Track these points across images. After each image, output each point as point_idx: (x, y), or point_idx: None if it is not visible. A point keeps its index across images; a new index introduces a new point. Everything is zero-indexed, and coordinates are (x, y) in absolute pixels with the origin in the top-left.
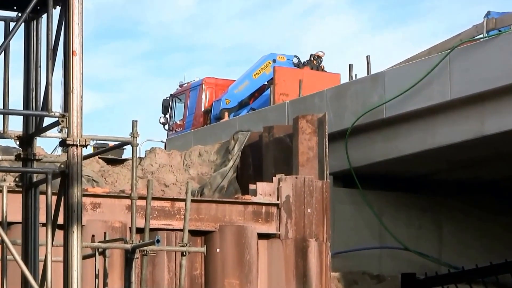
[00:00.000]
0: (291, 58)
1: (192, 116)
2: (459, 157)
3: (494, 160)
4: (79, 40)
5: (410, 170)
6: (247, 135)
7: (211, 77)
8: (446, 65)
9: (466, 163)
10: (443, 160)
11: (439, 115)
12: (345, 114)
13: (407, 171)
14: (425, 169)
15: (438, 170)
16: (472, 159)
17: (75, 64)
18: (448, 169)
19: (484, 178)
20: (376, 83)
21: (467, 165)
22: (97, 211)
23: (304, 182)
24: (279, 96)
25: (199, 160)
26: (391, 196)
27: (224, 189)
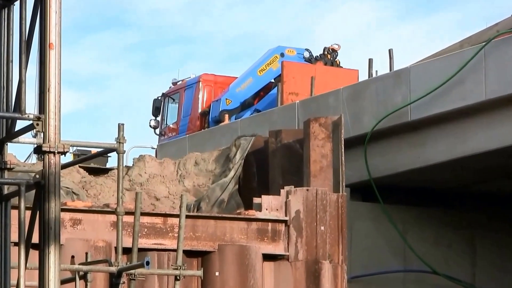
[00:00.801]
0: (302, 52)
1: (187, 118)
2: (495, 167)
3: None
4: (57, 30)
5: (439, 182)
6: (250, 141)
7: (209, 74)
8: (481, 60)
9: (504, 173)
10: (477, 170)
11: (473, 118)
12: (364, 117)
13: (436, 183)
14: (456, 180)
15: (472, 181)
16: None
17: (52, 59)
18: (482, 180)
19: None
20: (400, 81)
21: (505, 175)
22: (78, 228)
23: (316, 195)
24: (288, 96)
25: (195, 170)
26: (417, 211)
27: (224, 203)
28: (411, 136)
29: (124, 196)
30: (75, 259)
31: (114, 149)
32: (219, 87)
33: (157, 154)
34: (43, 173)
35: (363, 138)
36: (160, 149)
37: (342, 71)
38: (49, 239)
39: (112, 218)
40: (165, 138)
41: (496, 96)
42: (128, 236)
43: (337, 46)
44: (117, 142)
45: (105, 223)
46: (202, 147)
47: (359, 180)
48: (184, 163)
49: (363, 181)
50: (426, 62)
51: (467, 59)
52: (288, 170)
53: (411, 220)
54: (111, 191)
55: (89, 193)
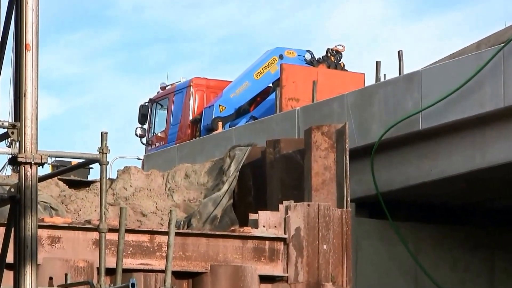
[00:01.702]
0: (303, 54)
1: (177, 126)
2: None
3: None
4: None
5: (454, 197)
6: (246, 151)
7: (201, 77)
8: (500, 62)
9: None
10: (497, 183)
11: (491, 127)
12: (371, 125)
13: (451, 198)
14: (473, 195)
15: (491, 196)
16: None
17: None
18: (503, 195)
19: None
20: (411, 85)
21: None
22: (56, 246)
23: (318, 211)
24: (288, 102)
25: (185, 183)
26: (430, 229)
27: (217, 219)
28: (423, 147)
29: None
30: (53, 281)
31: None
32: (212, 92)
33: (144, 166)
34: (19, 186)
35: (370, 149)
36: (147, 160)
37: (347, 74)
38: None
39: (94, 235)
40: (153, 148)
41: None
42: (112, 255)
43: (341, 47)
44: (99, 152)
45: (87, 241)
46: (193, 158)
47: (365, 194)
48: (173, 176)
49: (370, 195)
50: (439, 64)
51: (485, 62)
52: (288, 184)
53: (423, 239)
54: (93, 206)
55: (69, 208)
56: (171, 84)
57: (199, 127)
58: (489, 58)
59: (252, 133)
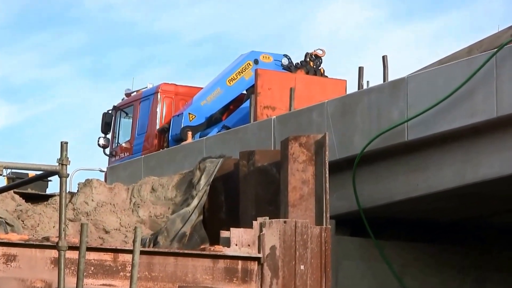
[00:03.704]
0: (280, 58)
1: (143, 136)
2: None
3: None
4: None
5: (443, 213)
6: (218, 164)
7: (169, 83)
8: (492, 69)
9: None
10: (490, 199)
11: (483, 138)
12: (353, 136)
13: (439, 215)
14: (464, 211)
15: (483, 213)
16: None
17: None
18: (496, 212)
19: None
20: (397, 93)
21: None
22: (12, 265)
23: (295, 229)
24: (263, 110)
25: (152, 197)
26: (417, 248)
27: (186, 237)
28: (409, 159)
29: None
30: None
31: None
32: (181, 99)
33: (107, 178)
34: None
35: (352, 161)
36: (110, 172)
37: (328, 81)
38: None
39: (53, 253)
40: (117, 160)
41: (511, 112)
42: (72, 275)
43: (321, 51)
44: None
45: (45, 260)
46: (160, 170)
47: (346, 210)
48: (138, 189)
49: (351, 212)
50: (427, 71)
51: (476, 68)
52: (263, 199)
53: (410, 259)
54: (51, 221)
55: (26, 224)
56: (137, 91)
57: (167, 137)
58: (481, 64)
59: (224, 144)
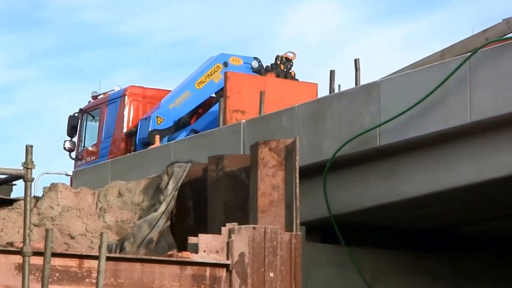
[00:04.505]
0: (250, 61)
1: (110, 140)
2: (485, 202)
3: None
4: None
5: (416, 221)
6: (186, 168)
7: (137, 86)
8: (466, 73)
9: (497, 211)
10: (462, 207)
11: (456, 144)
12: (324, 141)
13: (412, 222)
14: (438, 218)
15: (456, 220)
16: (504, 206)
17: None
18: (469, 219)
19: None
20: (368, 97)
21: (499, 214)
22: None
23: (265, 235)
24: (232, 114)
25: (118, 202)
26: (389, 255)
27: (153, 243)
28: (381, 165)
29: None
30: None
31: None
32: (149, 102)
33: (73, 183)
34: None
35: (322, 167)
36: (76, 176)
37: (298, 84)
38: None
39: (17, 259)
40: (83, 163)
41: (485, 118)
42: (36, 281)
43: (292, 54)
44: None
45: (8, 266)
46: (127, 175)
47: (317, 217)
48: (105, 194)
49: (322, 218)
50: (400, 75)
51: (450, 73)
52: (231, 204)
53: (381, 267)
54: (16, 226)
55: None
56: (104, 93)
57: (134, 141)
58: (455, 68)
59: (192, 148)
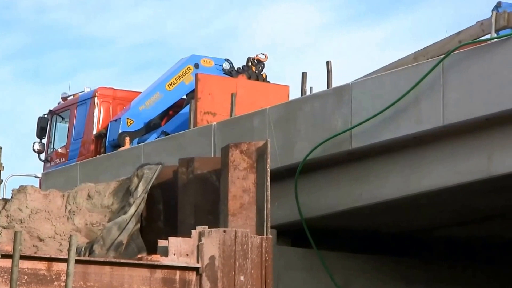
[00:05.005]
0: (221, 63)
1: (79, 141)
2: (458, 207)
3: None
4: None
5: (388, 224)
6: (156, 171)
7: (107, 87)
8: (439, 76)
9: (469, 215)
10: (435, 211)
11: (429, 147)
12: (295, 144)
13: (384, 226)
14: (409, 223)
15: (428, 224)
16: (476, 210)
17: None
18: (441, 223)
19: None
20: (340, 100)
21: (470, 218)
22: None
23: (235, 238)
24: (203, 116)
25: (88, 205)
26: (361, 259)
27: (123, 246)
28: (353, 168)
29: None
30: None
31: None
32: (119, 103)
33: (42, 185)
34: None
35: (294, 170)
36: (45, 178)
37: (270, 86)
38: None
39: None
40: (52, 165)
41: (457, 121)
42: (5, 284)
43: (263, 56)
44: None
45: None
46: (96, 177)
47: (288, 220)
48: (74, 196)
49: (293, 221)
50: (372, 77)
51: (422, 75)
52: (202, 207)
53: (353, 271)
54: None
55: None
56: (73, 95)
57: (104, 143)
58: (428, 71)
59: (163, 150)
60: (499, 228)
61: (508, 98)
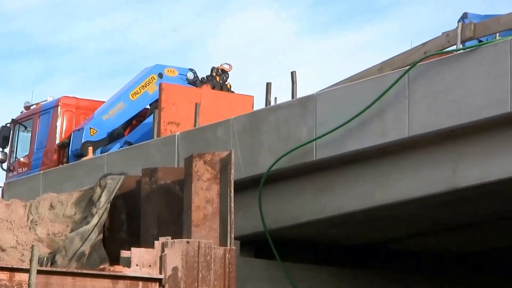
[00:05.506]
0: (185, 72)
1: (42, 151)
2: (423, 219)
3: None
4: None
5: (353, 236)
6: (119, 181)
7: (70, 97)
8: (404, 87)
9: (433, 227)
10: (400, 222)
11: (393, 159)
12: (260, 154)
13: (349, 237)
14: (374, 234)
15: (393, 236)
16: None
17: None
18: (406, 235)
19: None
20: (305, 110)
21: (434, 230)
22: None
23: (198, 249)
24: (167, 126)
25: (50, 215)
26: (326, 271)
27: (85, 256)
28: (318, 179)
29: None
30: None
31: None
32: (83, 113)
33: (4, 194)
34: None
35: (258, 180)
36: (7, 188)
37: (234, 96)
38: None
39: None
40: (14, 175)
41: (423, 132)
42: None
43: (227, 66)
44: None
45: None
46: (59, 187)
47: (252, 231)
48: (36, 206)
49: (257, 232)
50: (337, 88)
51: (388, 86)
52: (165, 218)
53: (317, 282)
54: None
55: None
56: (36, 104)
57: (66, 152)
58: (393, 82)
59: (126, 160)
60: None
61: (473, 110)
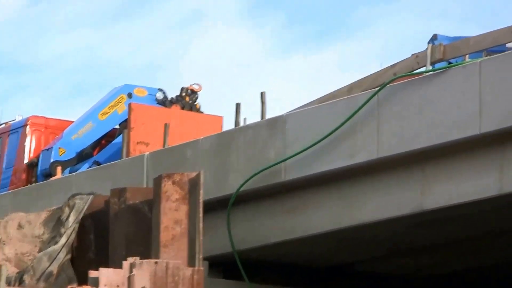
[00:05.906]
0: (154, 93)
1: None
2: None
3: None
4: None
5: (322, 257)
6: (87, 201)
7: (39, 116)
8: (374, 109)
9: (402, 249)
10: (367, 244)
11: (362, 180)
12: (228, 175)
13: (318, 259)
14: (343, 256)
15: (362, 258)
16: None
17: None
18: (373, 257)
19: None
20: (274, 131)
21: (404, 252)
22: None
23: (167, 270)
24: (136, 146)
25: (18, 235)
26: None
27: (53, 276)
28: (286, 200)
29: None
30: None
31: None
32: (51, 132)
33: None
34: None
35: (226, 201)
36: None
37: (203, 117)
38: None
39: None
40: None
41: (391, 154)
42: None
43: (197, 86)
44: None
45: None
46: (27, 206)
47: (220, 252)
48: (4, 226)
49: (225, 253)
50: (306, 109)
51: (357, 107)
52: (133, 238)
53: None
54: None
55: None
56: (5, 123)
57: (35, 172)
58: (363, 103)
59: (95, 180)
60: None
61: (443, 131)
